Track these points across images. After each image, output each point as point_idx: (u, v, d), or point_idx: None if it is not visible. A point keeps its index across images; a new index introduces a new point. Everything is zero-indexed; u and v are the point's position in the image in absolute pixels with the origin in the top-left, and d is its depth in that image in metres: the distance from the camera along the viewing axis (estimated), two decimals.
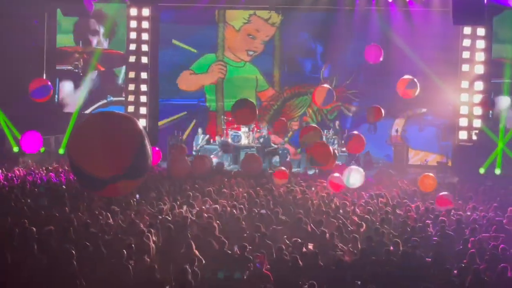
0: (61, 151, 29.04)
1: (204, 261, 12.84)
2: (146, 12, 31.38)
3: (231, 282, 12.20)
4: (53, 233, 13.88)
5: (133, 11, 31.36)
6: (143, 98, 31.63)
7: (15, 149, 27.44)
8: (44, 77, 29.78)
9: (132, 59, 31.68)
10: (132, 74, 31.68)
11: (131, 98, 31.65)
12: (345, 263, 12.98)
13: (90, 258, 12.78)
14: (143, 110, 31.58)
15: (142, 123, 30.52)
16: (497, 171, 27.39)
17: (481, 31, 29.07)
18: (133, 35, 31.54)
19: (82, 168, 13.50)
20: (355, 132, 23.88)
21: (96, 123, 14.39)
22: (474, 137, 28.94)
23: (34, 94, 22.29)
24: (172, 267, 13.00)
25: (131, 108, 31.43)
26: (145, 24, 31.46)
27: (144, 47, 31.55)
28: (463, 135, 29.38)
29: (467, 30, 29.26)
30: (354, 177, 20.09)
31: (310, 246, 14.46)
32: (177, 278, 11.96)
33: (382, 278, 12.47)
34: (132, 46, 31.64)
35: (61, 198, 18.14)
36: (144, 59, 31.59)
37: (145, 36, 31.52)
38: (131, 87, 31.67)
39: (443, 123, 30.92)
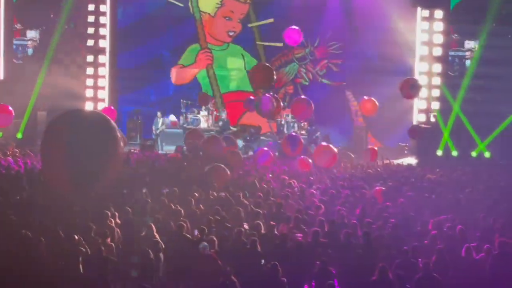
0: (19, 135, 28.52)
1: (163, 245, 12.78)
2: None
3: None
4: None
5: None
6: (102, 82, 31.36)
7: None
8: None
9: (90, 42, 31.33)
10: (90, 58, 31.35)
11: (89, 82, 31.24)
12: (305, 246, 12.97)
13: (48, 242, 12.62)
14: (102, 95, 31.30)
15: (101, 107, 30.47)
16: (454, 153, 27.75)
17: (439, 14, 29.31)
18: (91, 18, 31.25)
19: None
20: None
21: None
22: (432, 119, 29.21)
23: None
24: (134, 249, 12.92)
25: (89, 93, 31.10)
26: (104, 8, 31.21)
27: (103, 31, 31.30)
28: (421, 117, 29.61)
29: (425, 12, 29.47)
30: None
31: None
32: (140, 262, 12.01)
33: (343, 260, 12.54)
34: (90, 30, 31.29)
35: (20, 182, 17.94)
36: (103, 43, 31.32)
37: (103, 20, 31.26)
38: (90, 71, 31.31)
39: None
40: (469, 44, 30.01)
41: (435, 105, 29.35)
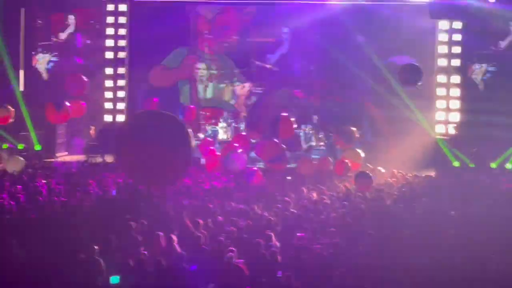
0: (38, 147, 28.62)
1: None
2: (123, 7, 31.27)
3: None
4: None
5: (110, 7, 31.27)
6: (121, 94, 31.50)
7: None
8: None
9: (109, 55, 31.51)
10: (109, 71, 31.49)
11: (108, 94, 31.43)
12: (324, 258, 12.95)
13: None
14: (120, 106, 31.47)
15: (120, 118, 30.64)
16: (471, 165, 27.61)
17: (457, 25, 29.21)
18: (110, 31, 31.42)
19: None
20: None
21: None
22: (452, 131, 29.04)
23: None
24: None
25: (108, 105, 31.27)
26: (122, 20, 31.34)
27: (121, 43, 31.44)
28: (440, 128, 29.43)
29: (443, 24, 29.38)
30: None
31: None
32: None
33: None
34: (109, 42, 31.48)
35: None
36: (122, 55, 31.44)
37: (122, 32, 31.41)
38: (109, 83, 31.47)
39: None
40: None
41: (454, 117, 29.13)
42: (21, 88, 30.81)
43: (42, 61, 32.25)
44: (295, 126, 25.94)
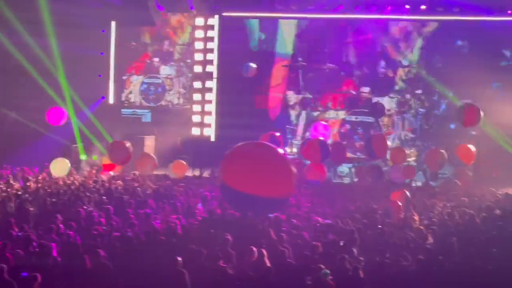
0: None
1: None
2: (212, 21, 31.70)
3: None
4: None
5: (199, 21, 31.72)
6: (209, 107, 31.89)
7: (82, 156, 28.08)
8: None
9: (197, 69, 31.96)
10: (198, 84, 31.93)
11: (197, 107, 31.88)
12: (410, 273, 12.86)
13: None
14: (208, 120, 31.84)
15: (207, 132, 31.05)
16: None
17: None
18: (198, 45, 31.85)
19: None
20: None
21: None
22: None
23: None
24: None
25: (196, 118, 31.69)
26: (211, 33, 31.73)
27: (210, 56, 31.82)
28: None
29: None
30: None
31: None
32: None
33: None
34: (198, 56, 31.92)
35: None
36: (210, 68, 31.81)
37: (210, 45, 31.78)
38: (197, 97, 31.91)
39: None
40: None
41: None
42: (111, 100, 31.69)
43: (136, 83, 33.27)
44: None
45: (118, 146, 23.72)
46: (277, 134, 25.02)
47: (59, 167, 23.63)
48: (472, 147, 24.87)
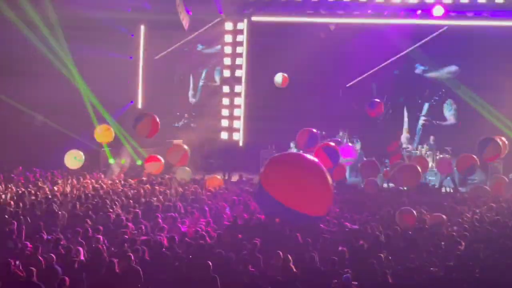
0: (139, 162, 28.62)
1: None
2: (241, 26, 31.74)
3: None
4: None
5: (228, 25, 31.78)
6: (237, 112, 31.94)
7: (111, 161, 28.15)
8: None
9: (226, 73, 32.04)
10: (226, 89, 32.03)
11: (225, 112, 31.96)
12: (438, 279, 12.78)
13: None
14: (237, 124, 31.89)
15: (236, 136, 31.06)
16: None
17: None
18: (227, 49, 31.92)
19: None
20: None
21: None
22: None
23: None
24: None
25: (224, 122, 31.80)
26: (240, 38, 31.78)
27: (239, 61, 31.86)
28: None
29: None
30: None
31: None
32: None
33: None
34: (227, 61, 32.02)
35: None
36: (239, 73, 31.86)
37: (239, 50, 31.83)
38: (226, 101, 32.00)
39: None
40: None
41: None
42: (139, 105, 31.84)
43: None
44: None
45: (176, 148, 24.69)
46: (314, 130, 24.71)
47: (73, 159, 23.89)
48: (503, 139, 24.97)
